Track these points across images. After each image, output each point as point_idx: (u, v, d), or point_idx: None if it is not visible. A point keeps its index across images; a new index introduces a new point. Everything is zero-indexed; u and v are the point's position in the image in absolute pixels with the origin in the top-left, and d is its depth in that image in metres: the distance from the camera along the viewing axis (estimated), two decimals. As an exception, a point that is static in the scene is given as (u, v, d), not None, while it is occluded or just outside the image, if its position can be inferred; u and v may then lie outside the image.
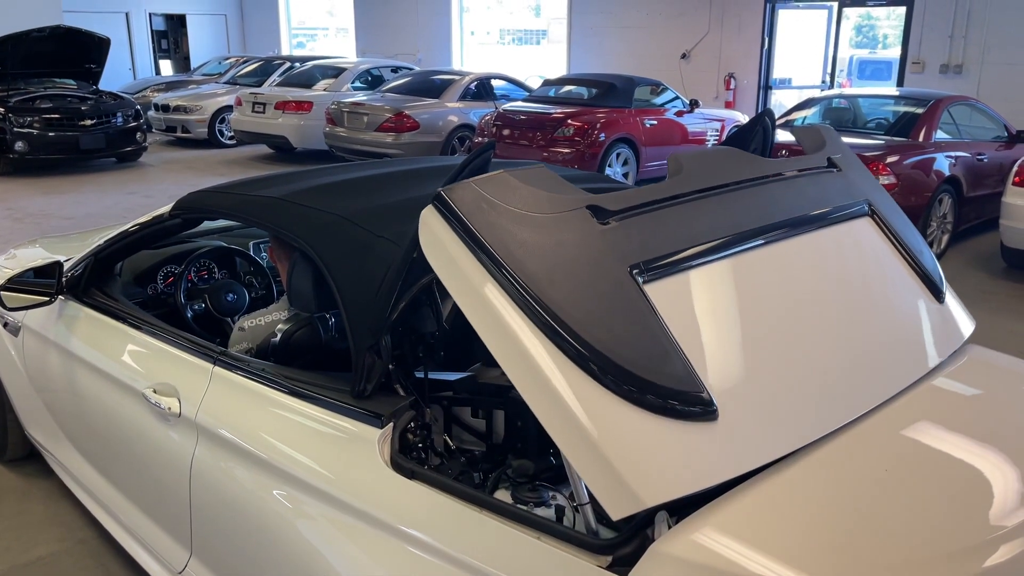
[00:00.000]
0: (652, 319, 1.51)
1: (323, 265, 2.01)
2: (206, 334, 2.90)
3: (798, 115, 8.65)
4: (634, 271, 1.56)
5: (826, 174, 2.12)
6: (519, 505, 1.62)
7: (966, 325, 2.17)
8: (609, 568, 1.42)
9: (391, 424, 1.82)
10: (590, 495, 1.47)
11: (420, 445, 1.81)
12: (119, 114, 11.46)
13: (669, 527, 1.44)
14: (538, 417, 1.42)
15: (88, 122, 11.08)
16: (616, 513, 1.37)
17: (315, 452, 1.92)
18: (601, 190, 1.86)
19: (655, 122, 10.38)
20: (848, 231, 2.06)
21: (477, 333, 1.50)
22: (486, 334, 1.48)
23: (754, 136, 2.31)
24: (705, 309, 1.64)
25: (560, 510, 1.61)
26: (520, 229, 1.52)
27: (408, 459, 1.76)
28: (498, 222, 1.52)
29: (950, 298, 2.18)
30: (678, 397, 1.44)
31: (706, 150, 2.06)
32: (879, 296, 2.01)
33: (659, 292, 1.58)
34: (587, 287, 1.49)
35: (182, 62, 21.26)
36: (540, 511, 1.60)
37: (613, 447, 1.37)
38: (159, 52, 21.19)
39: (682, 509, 1.48)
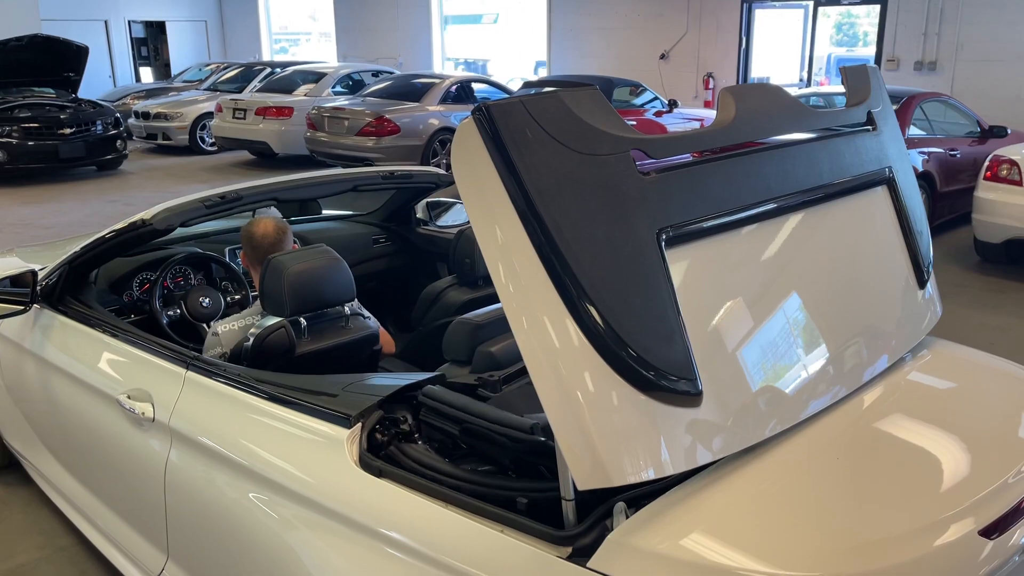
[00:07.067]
0: (666, 294, 1.48)
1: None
2: (182, 340, 2.92)
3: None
4: (661, 236, 1.50)
5: (863, 134, 2.05)
6: (485, 500, 1.66)
7: (935, 313, 2.22)
8: (569, 559, 1.46)
9: (359, 424, 1.85)
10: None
11: (388, 444, 1.85)
12: (99, 122, 11.42)
13: (627, 517, 1.48)
14: (527, 366, 1.40)
15: (67, 131, 11.03)
16: (583, 483, 1.40)
17: (286, 453, 1.96)
18: None
19: (634, 123, 10.44)
20: (863, 201, 2.02)
21: (487, 265, 1.43)
22: (495, 271, 1.42)
23: None
24: (716, 283, 1.62)
25: (523, 504, 1.65)
26: (559, 166, 1.42)
27: (376, 458, 1.79)
28: (538, 153, 1.40)
29: (930, 284, 2.21)
30: (670, 381, 1.43)
31: (758, 87, 1.93)
32: (870, 276, 2.01)
33: (678, 258, 1.54)
34: (612, 248, 1.43)
35: (162, 69, 21.18)
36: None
37: (596, 418, 1.38)
38: (139, 59, 21.10)
39: (639, 500, 1.52)
